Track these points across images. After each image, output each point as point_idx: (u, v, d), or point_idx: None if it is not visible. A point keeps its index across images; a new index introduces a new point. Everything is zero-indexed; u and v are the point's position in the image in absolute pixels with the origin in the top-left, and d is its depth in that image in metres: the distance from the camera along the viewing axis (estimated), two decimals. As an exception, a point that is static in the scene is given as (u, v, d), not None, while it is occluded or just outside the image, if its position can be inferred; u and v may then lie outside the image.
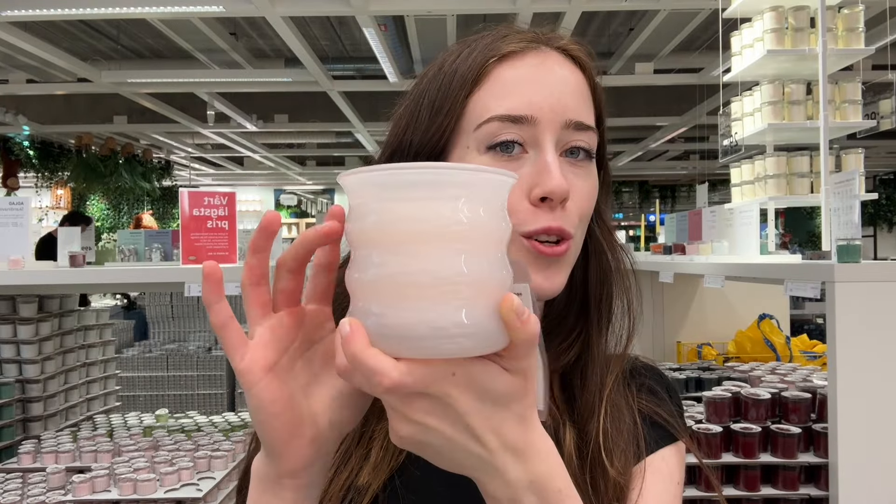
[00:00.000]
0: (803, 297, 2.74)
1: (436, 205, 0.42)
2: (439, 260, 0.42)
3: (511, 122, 0.64)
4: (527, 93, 0.65)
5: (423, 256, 0.42)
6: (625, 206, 15.62)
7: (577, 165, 0.67)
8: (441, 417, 0.45)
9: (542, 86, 0.65)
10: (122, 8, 5.26)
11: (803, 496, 2.03)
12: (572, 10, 5.39)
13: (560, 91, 0.66)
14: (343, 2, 5.21)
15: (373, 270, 0.43)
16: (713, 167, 9.89)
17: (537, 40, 0.69)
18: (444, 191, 0.42)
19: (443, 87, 0.67)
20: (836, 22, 3.14)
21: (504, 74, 0.66)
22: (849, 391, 1.73)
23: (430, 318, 0.42)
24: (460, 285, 0.42)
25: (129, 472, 2.11)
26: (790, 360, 2.99)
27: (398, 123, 0.71)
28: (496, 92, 0.65)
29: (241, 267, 0.52)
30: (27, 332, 2.70)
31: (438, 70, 0.69)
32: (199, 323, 5.05)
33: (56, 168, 9.74)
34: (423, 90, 0.69)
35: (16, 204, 2.55)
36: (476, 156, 0.66)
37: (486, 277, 0.43)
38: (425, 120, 0.68)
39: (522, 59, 0.67)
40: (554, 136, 0.65)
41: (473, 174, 0.44)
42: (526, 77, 0.66)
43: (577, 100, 0.67)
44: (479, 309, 0.42)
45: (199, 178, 14.72)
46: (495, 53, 0.67)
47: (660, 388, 0.77)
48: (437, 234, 0.42)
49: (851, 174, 2.07)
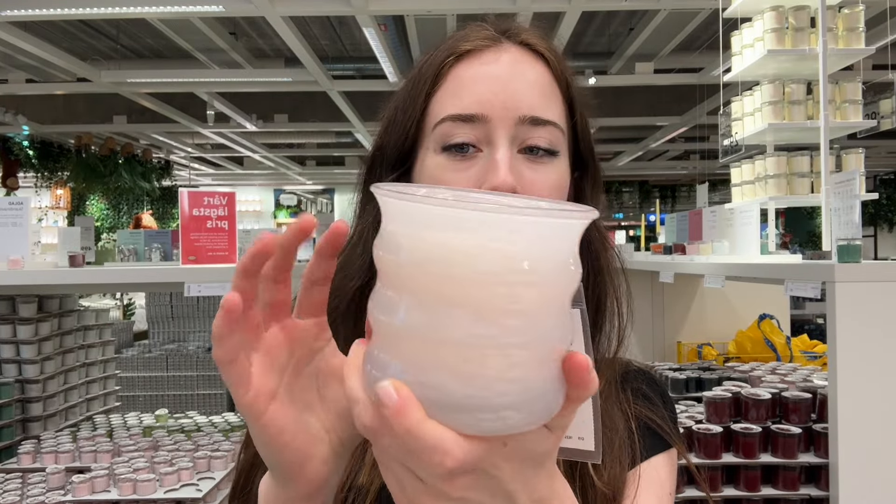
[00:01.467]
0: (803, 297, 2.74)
1: (492, 247, 0.34)
2: (489, 317, 0.34)
3: (462, 122, 0.64)
4: (479, 90, 0.64)
5: (470, 311, 0.34)
6: (625, 206, 15.61)
7: (536, 162, 0.65)
8: (483, 489, 0.40)
9: (494, 82, 0.65)
10: (122, 8, 5.26)
11: (803, 496, 2.03)
12: (572, 10, 5.39)
13: (514, 87, 0.65)
14: (343, 2, 5.21)
15: (408, 318, 0.36)
16: (713, 167, 9.89)
17: (497, 37, 0.68)
18: (503, 231, 0.34)
19: (411, 86, 0.68)
20: (836, 22, 3.13)
21: (460, 73, 0.66)
22: (849, 391, 1.73)
23: (480, 389, 0.35)
24: (517, 349, 0.35)
25: (128, 472, 2.11)
26: (790, 360, 2.99)
27: (383, 125, 0.72)
28: (451, 91, 0.66)
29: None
30: (27, 333, 2.70)
31: (412, 71, 0.70)
32: (198, 323, 5.05)
33: (56, 168, 9.74)
34: (400, 92, 0.71)
35: (15, 204, 2.55)
36: (433, 156, 0.66)
37: (548, 338, 0.36)
38: (398, 122, 0.69)
39: (479, 57, 0.66)
40: (507, 132, 0.64)
41: (544, 216, 0.35)
42: (480, 75, 0.65)
43: (534, 94, 0.65)
44: (538, 377, 0.36)
45: (198, 178, 14.72)
46: (453, 52, 0.67)
47: (653, 394, 0.76)
48: (490, 284, 0.34)
49: (852, 174, 2.07)
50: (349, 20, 6.35)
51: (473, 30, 0.70)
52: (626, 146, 11.62)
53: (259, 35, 7.19)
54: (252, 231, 3.49)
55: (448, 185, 0.63)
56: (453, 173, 0.64)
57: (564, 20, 5.65)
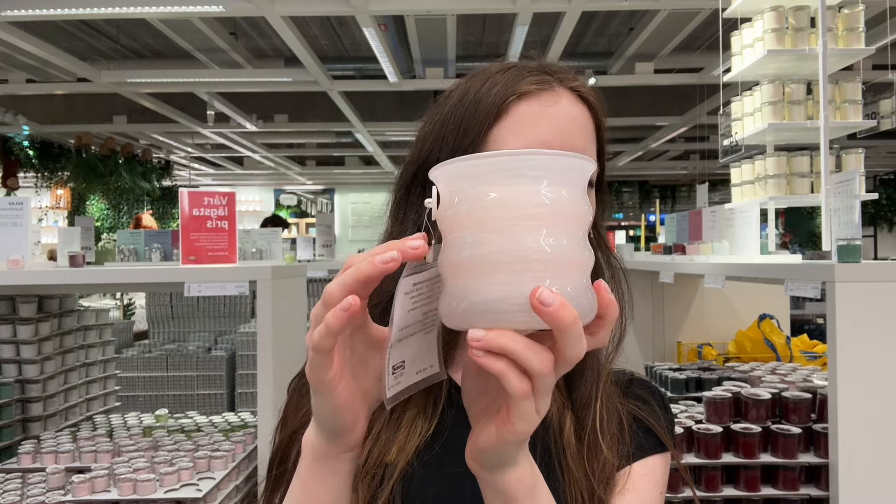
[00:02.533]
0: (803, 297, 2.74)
1: (519, 188, 0.46)
2: (521, 239, 0.46)
3: None
4: (539, 130, 0.74)
5: (508, 236, 0.46)
6: (625, 206, 15.61)
7: None
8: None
9: (552, 124, 0.74)
10: (122, 8, 5.26)
11: (803, 496, 2.03)
12: (572, 10, 5.38)
13: (568, 129, 0.74)
14: (343, 2, 5.21)
15: (467, 251, 0.47)
16: (713, 167, 9.90)
17: (550, 80, 0.77)
18: (527, 175, 0.46)
19: (467, 114, 0.76)
20: (836, 22, 3.13)
21: (521, 111, 0.74)
22: (849, 391, 1.73)
23: (515, 294, 0.46)
24: (541, 262, 0.46)
25: (128, 472, 2.11)
26: (790, 360, 2.99)
27: (424, 140, 0.79)
28: (513, 127, 0.74)
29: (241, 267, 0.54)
30: (27, 333, 2.70)
31: (462, 97, 0.77)
32: (198, 323, 5.05)
33: (56, 168, 9.73)
34: (449, 113, 0.77)
35: (15, 204, 2.55)
36: None
37: (569, 255, 0.47)
38: (451, 142, 0.76)
39: (538, 98, 0.75)
40: None
41: (553, 158, 0.47)
42: (539, 115, 0.74)
43: (582, 137, 0.76)
44: (563, 284, 0.46)
45: (198, 177, 14.72)
46: (514, 92, 0.75)
47: (653, 401, 0.85)
48: (521, 216, 0.46)
49: (852, 174, 2.07)
50: (349, 20, 6.35)
51: (527, 70, 0.78)
52: (626, 146, 11.61)
53: (259, 35, 7.19)
54: (252, 231, 3.49)
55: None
56: None
57: (564, 20, 5.65)
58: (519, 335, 0.47)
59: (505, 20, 6.46)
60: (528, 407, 0.50)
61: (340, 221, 15.23)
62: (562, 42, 6.12)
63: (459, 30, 6.78)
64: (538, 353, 0.48)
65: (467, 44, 7.44)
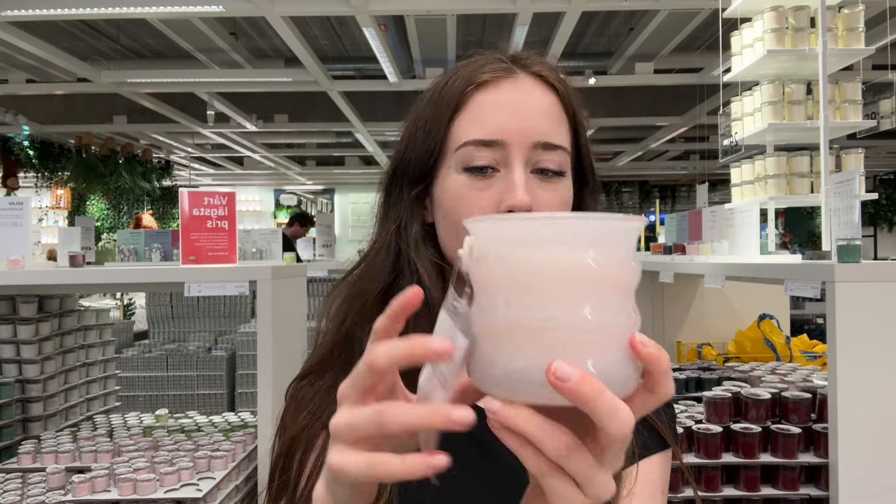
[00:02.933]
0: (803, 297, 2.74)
1: (561, 252, 0.42)
2: (565, 307, 0.42)
3: (483, 146, 0.72)
4: (499, 118, 0.73)
5: (536, 303, 0.42)
6: (625, 206, 15.60)
7: (546, 181, 0.74)
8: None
9: (512, 111, 0.73)
10: (122, 8, 5.26)
11: (803, 496, 2.03)
12: (572, 10, 5.38)
13: (530, 116, 0.73)
14: (343, 2, 5.21)
15: (494, 314, 0.44)
16: (713, 167, 9.89)
17: (511, 67, 0.76)
18: (571, 238, 0.43)
19: (432, 111, 0.76)
20: (836, 22, 3.13)
21: (480, 101, 0.74)
22: (849, 391, 1.73)
23: (537, 365, 0.42)
24: (586, 332, 0.42)
25: (128, 472, 2.11)
26: (790, 360, 2.99)
27: (402, 141, 0.80)
28: (472, 118, 0.74)
29: (241, 267, 0.53)
30: (27, 332, 2.70)
31: (432, 94, 0.78)
32: (199, 323, 5.05)
33: (56, 168, 9.73)
34: (420, 113, 0.78)
35: (16, 204, 2.55)
36: (455, 175, 0.74)
37: (613, 324, 0.43)
38: (420, 141, 0.77)
39: (497, 87, 0.74)
40: (522, 156, 0.72)
41: (599, 222, 0.43)
42: (499, 103, 0.73)
43: (546, 122, 0.74)
44: (605, 356, 0.43)
45: (198, 178, 14.72)
46: (473, 82, 0.75)
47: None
48: (564, 281, 0.42)
49: (851, 174, 2.07)
50: (349, 20, 6.35)
51: (489, 59, 0.77)
52: (625, 146, 11.61)
53: (259, 35, 7.19)
54: (252, 231, 3.49)
55: (470, 201, 0.73)
56: (475, 191, 0.73)
57: (564, 20, 5.65)
58: (534, 413, 0.43)
59: (505, 20, 6.46)
60: (556, 486, 0.44)
61: (340, 221, 15.23)
62: (562, 42, 6.12)
63: (459, 30, 6.78)
64: (552, 436, 0.43)
65: (467, 44, 7.45)
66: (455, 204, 0.74)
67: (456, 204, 0.74)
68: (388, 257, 0.78)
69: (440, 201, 0.77)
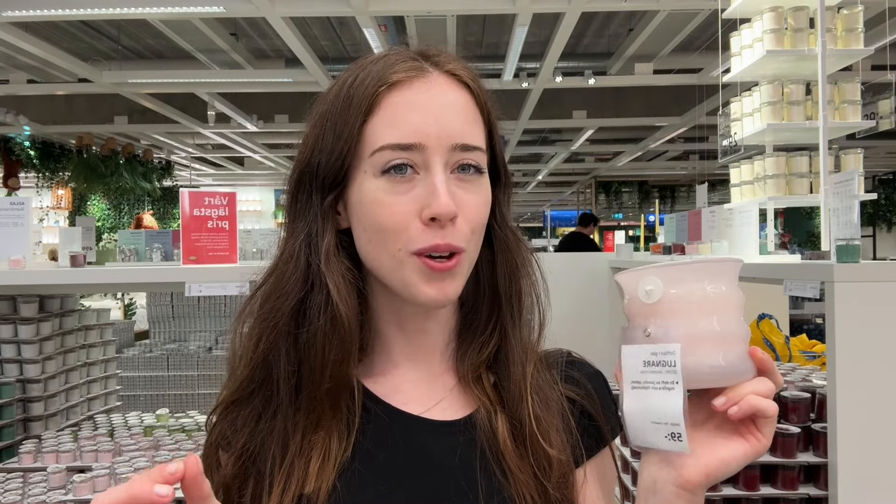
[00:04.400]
0: (803, 297, 2.74)
1: (697, 286, 0.66)
2: (704, 322, 0.66)
3: (401, 150, 0.69)
4: (414, 121, 0.69)
5: (696, 321, 0.66)
6: (624, 206, 15.61)
7: (466, 181, 0.71)
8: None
9: (428, 113, 0.70)
10: (123, 8, 5.26)
11: (802, 496, 2.03)
12: (572, 10, 5.39)
13: (446, 116, 0.70)
14: (343, 2, 5.22)
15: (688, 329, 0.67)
16: (713, 167, 9.89)
17: (423, 66, 0.72)
18: (700, 276, 0.67)
19: (342, 111, 0.72)
20: (835, 22, 3.14)
21: (393, 102, 0.70)
22: (848, 391, 1.73)
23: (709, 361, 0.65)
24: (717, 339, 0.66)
25: (129, 471, 2.12)
26: (789, 360, 2.99)
27: (306, 142, 0.75)
28: (387, 120, 0.70)
29: (242, 267, 0.54)
30: (28, 332, 2.70)
31: (339, 92, 0.73)
32: (199, 323, 5.05)
33: (57, 168, 9.73)
34: (327, 112, 0.73)
35: (16, 204, 2.55)
36: (373, 179, 0.70)
37: (733, 331, 0.67)
38: (329, 143, 0.72)
39: (410, 87, 0.71)
40: (442, 158, 0.70)
41: (719, 264, 0.68)
42: (413, 105, 0.70)
43: (462, 122, 0.71)
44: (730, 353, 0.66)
45: (199, 178, 14.72)
46: (385, 82, 0.71)
47: (590, 385, 0.80)
48: (702, 306, 0.67)
49: (851, 174, 2.07)
50: (349, 20, 6.36)
51: (399, 57, 0.73)
52: (625, 146, 11.62)
53: (259, 35, 7.19)
54: (253, 231, 3.50)
55: (390, 207, 0.69)
56: (394, 196, 0.69)
57: (564, 21, 5.65)
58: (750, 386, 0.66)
59: (505, 20, 6.47)
60: (774, 422, 0.66)
61: (340, 221, 15.22)
62: (562, 42, 6.13)
63: (459, 30, 6.79)
64: (765, 383, 0.66)
65: (467, 44, 7.45)
66: (374, 209, 0.70)
67: (375, 209, 0.70)
68: (297, 269, 0.73)
69: (357, 207, 0.72)
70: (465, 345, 0.77)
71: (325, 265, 0.72)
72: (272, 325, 0.72)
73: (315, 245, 0.73)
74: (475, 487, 0.70)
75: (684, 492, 0.64)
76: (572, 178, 16.10)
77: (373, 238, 0.71)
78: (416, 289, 0.70)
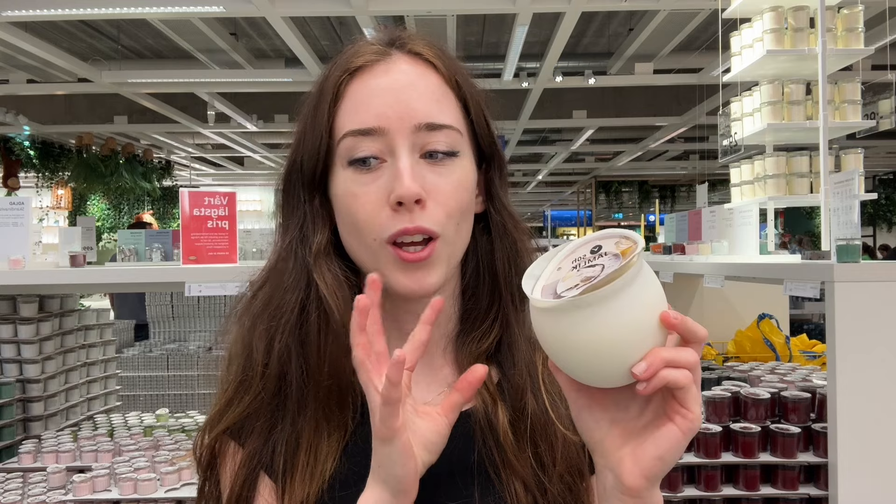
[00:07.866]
0: (803, 297, 2.74)
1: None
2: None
3: (363, 136, 0.68)
4: (375, 105, 0.68)
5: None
6: (625, 206, 15.60)
7: (438, 165, 0.69)
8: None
9: (389, 95, 0.68)
10: (123, 8, 5.26)
11: (803, 496, 2.03)
12: (572, 10, 5.39)
13: (408, 97, 0.68)
14: (343, 2, 5.21)
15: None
16: (713, 167, 9.89)
17: (385, 50, 0.71)
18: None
19: (316, 107, 0.72)
20: (835, 22, 3.14)
21: (355, 89, 0.70)
22: (848, 391, 1.73)
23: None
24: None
25: (129, 471, 2.12)
26: (790, 360, 2.99)
27: (294, 142, 0.75)
28: (350, 108, 0.69)
29: (241, 267, 0.54)
30: (28, 332, 2.70)
31: (315, 88, 0.74)
32: (199, 323, 5.05)
33: (57, 168, 9.73)
34: (306, 109, 0.74)
35: (16, 204, 2.55)
36: (342, 171, 0.70)
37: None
38: (309, 140, 0.72)
39: (371, 71, 0.70)
40: (406, 141, 0.68)
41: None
42: (374, 89, 0.69)
43: (427, 101, 0.69)
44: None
45: (199, 178, 14.72)
46: (347, 69, 0.70)
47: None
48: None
49: (851, 174, 2.07)
50: (349, 20, 6.36)
51: (363, 44, 0.72)
52: (625, 146, 11.62)
53: (259, 35, 7.19)
54: (253, 231, 3.49)
55: (360, 198, 0.68)
56: (362, 186, 0.68)
57: (564, 20, 5.65)
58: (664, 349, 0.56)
59: (505, 20, 6.47)
60: (696, 390, 0.56)
61: (340, 221, 15.22)
62: (562, 42, 6.13)
63: (459, 30, 6.78)
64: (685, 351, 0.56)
65: (467, 44, 7.45)
66: (347, 201, 0.69)
67: (348, 201, 0.69)
68: (295, 267, 0.73)
69: (335, 201, 0.72)
70: (466, 335, 0.75)
71: (314, 263, 0.72)
72: (283, 323, 0.72)
73: (307, 243, 0.73)
74: (470, 483, 0.69)
75: (630, 498, 0.59)
76: (572, 177, 16.10)
77: (351, 231, 0.70)
78: (394, 279, 0.68)
